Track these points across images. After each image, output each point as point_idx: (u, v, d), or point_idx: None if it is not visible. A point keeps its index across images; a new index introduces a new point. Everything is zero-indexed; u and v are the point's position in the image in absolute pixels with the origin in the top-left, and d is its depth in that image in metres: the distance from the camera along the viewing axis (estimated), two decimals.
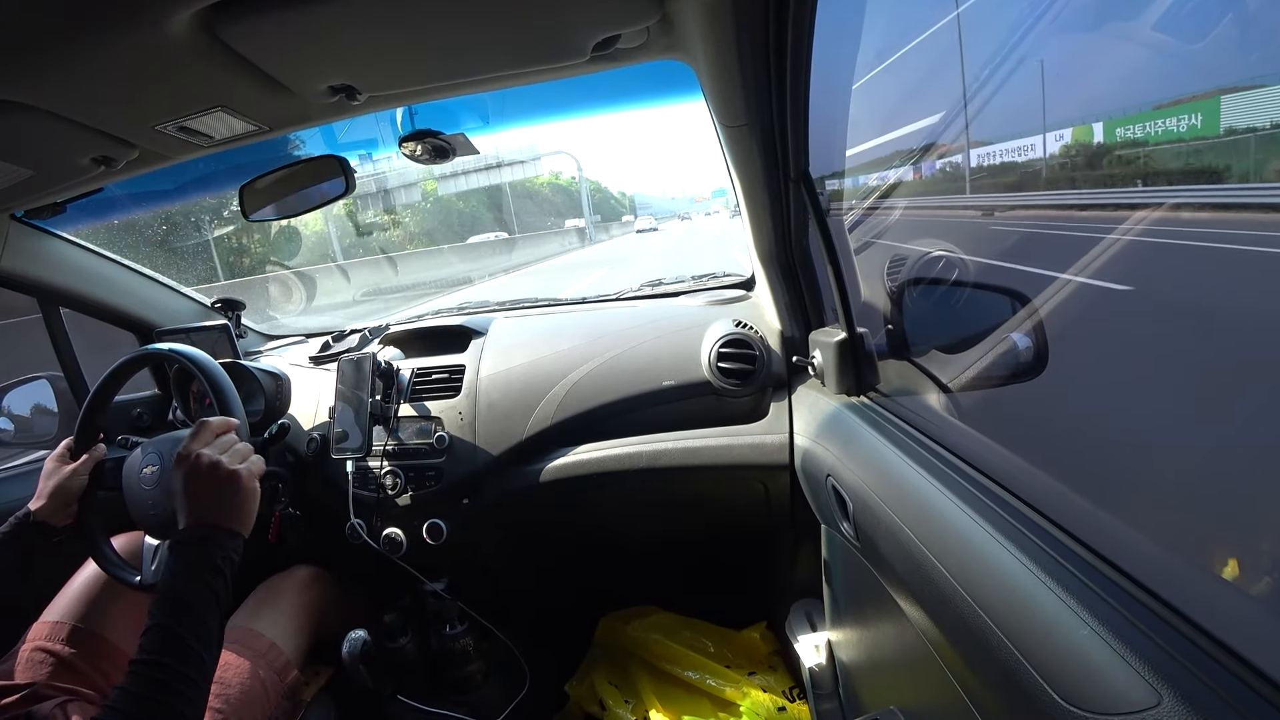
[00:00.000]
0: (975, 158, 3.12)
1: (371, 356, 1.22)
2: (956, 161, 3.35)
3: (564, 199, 35.67)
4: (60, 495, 0.99)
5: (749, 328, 1.20)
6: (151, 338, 1.49)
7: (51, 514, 0.97)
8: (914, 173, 3.44)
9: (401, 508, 1.21)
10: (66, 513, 0.99)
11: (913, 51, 3.40)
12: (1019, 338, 0.85)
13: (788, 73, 0.81)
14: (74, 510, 1.00)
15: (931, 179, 3.50)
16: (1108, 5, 1.37)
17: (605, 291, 1.60)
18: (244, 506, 0.77)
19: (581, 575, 1.56)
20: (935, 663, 0.64)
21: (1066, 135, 2.27)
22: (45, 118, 0.76)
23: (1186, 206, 1.51)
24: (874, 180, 3.06)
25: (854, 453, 0.87)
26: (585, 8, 0.72)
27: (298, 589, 1.15)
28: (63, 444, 1.04)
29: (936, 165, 3.49)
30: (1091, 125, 2.03)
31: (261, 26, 0.65)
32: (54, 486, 0.98)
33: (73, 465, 1.00)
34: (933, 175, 3.49)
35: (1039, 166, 2.55)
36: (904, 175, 3.46)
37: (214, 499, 0.75)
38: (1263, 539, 0.63)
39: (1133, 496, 0.82)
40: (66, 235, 1.32)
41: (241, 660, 0.98)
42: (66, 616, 1.00)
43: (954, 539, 0.61)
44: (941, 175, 3.48)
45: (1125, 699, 0.40)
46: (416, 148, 1.10)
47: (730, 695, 1.24)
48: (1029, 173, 2.67)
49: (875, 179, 3.10)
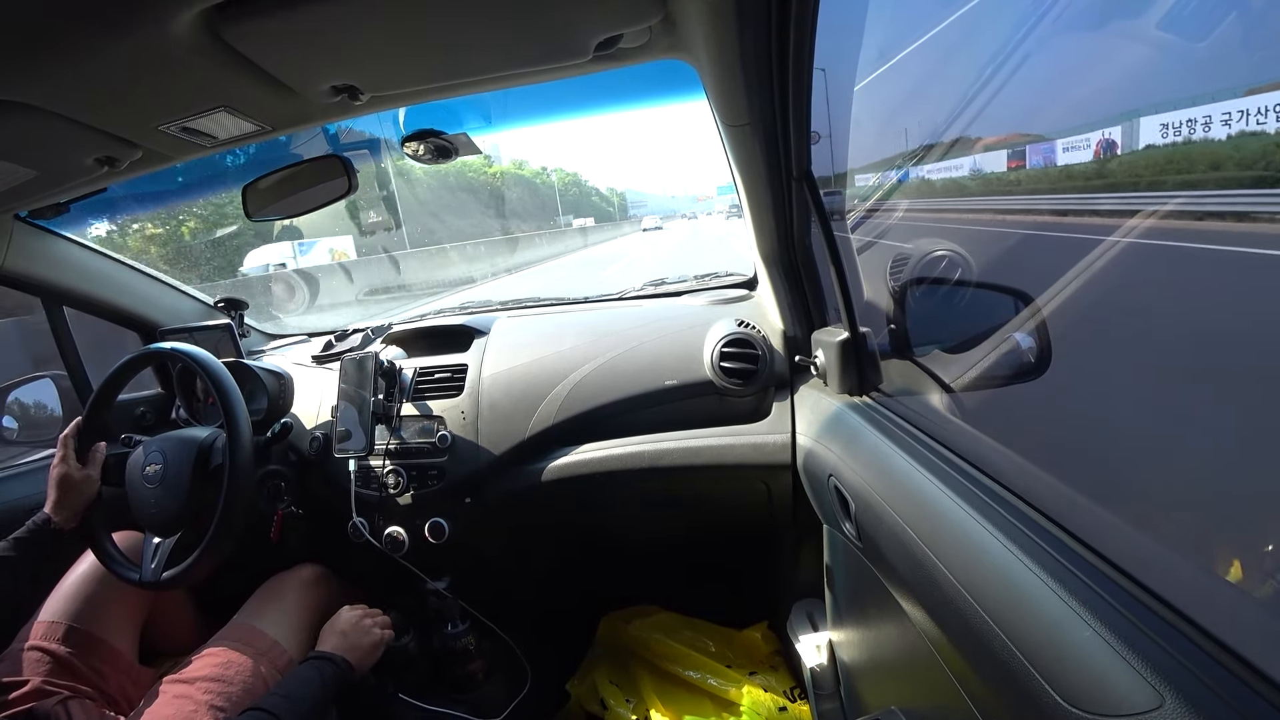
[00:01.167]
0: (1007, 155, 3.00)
1: (374, 356, 1.22)
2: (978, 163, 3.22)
3: (528, 194, 30.79)
4: (72, 500, 0.99)
5: (751, 327, 1.20)
6: (155, 337, 1.50)
7: (65, 519, 0.98)
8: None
9: (403, 507, 1.21)
10: (75, 509, 1.00)
11: (919, 51, 3.35)
12: (1022, 337, 0.85)
13: (790, 72, 0.81)
14: (83, 505, 1.01)
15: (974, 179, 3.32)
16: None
17: (607, 291, 1.60)
18: (370, 656, 1.06)
19: (583, 574, 1.56)
20: (937, 663, 0.64)
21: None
22: (49, 118, 0.76)
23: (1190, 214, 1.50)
24: (892, 180, 3.00)
25: (856, 453, 0.87)
26: (588, 7, 0.72)
27: (301, 588, 1.16)
28: (65, 436, 1.04)
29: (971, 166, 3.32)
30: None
31: (264, 26, 0.65)
32: (66, 491, 0.99)
33: (85, 471, 1.01)
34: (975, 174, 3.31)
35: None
36: (936, 173, 3.36)
37: (356, 645, 1.05)
38: (1266, 540, 0.63)
39: (1135, 497, 0.82)
40: (70, 235, 1.33)
41: (244, 658, 0.98)
42: (62, 616, 1.00)
43: (956, 539, 0.60)
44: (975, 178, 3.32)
45: (1128, 701, 0.40)
46: (419, 148, 1.11)
47: (731, 695, 1.24)
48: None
49: (893, 178, 3.04)
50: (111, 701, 0.99)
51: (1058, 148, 2.39)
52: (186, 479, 1.03)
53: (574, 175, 45.44)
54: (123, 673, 1.03)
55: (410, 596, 1.31)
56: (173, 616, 1.21)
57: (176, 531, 1.03)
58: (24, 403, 1.40)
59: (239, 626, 1.05)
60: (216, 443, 1.08)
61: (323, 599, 1.17)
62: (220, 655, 0.98)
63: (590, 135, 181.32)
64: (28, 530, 0.96)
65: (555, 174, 38.60)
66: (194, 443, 1.07)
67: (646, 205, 63.68)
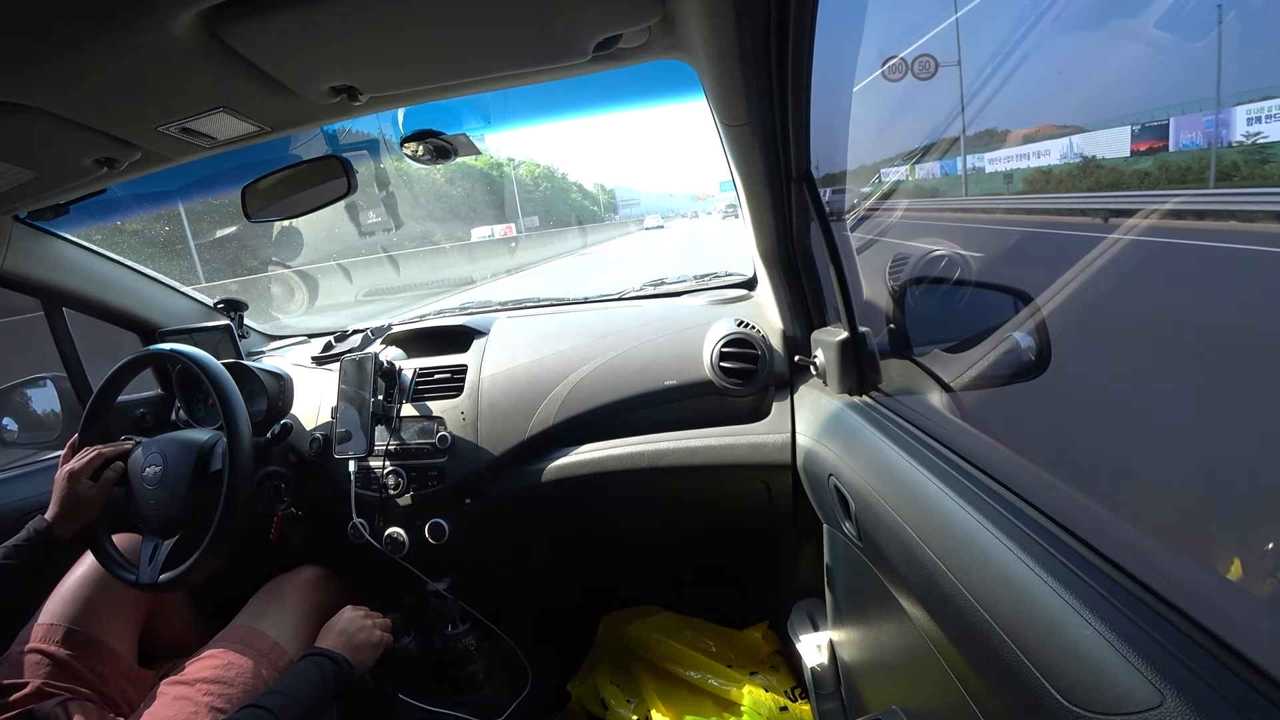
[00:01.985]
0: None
1: (374, 356, 1.22)
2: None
3: (480, 190, 22.56)
4: (77, 514, 1.00)
5: (751, 327, 1.20)
6: (154, 338, 1.50)
7: (65, 525, 0.98)
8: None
9: (404, 508, 1.21)
10: (80, 523, 1.00)
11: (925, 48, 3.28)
12: (1021, 337, 0.85)
13: (789, 72, 0.81)
14: (86, 520, 1.01)
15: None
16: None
17: (607, 291, 1.60)
18: (370, 656, 1.06)
19: (583, 575, 1.56)
20: (937, 662, 0.64)
21: None
22: (48, 119, 0.76)
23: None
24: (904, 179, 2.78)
25: (856, 452, 0.87)
26: (587, 7, 0.72)
27: (302, 589, 1.16)
28: (71, 448, 1.04)
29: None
30: None
31: (263, 27, 0.65)
32: (72, 504, 0.99)
33: (95, 489, 1.01)
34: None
35: None
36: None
37: (357, 645, 1.04)
38: (1267, 538, 0.63)
39: (1136, 495, 0.82)
40: (69, 236, 1.33)
41: (245, 660, 0.98)
42: (61, 619, 1.00)
43: (956, 538, 0.60)
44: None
45: (1128, 699, 0.40)
46: (418, 148, 1.11)
47: (732, 695, 1.24)
48: None
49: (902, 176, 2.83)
50: (111, 703, 0.98)
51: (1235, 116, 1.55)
52: (186, 480, 1.03)
53: (547, 169, 39.69)
54: (123, 675, 1.03)
55: (411, 597, 1.31)
56: (173, 618, 1.21)
57: (176, 533, 1.03)
58: (24, 404, 1.40)
59: (239, 628, 1.05)
60: (216, 444, 1.08)
61: (323, 600, 1.17)
62: (220, 657, 0.98)
63: (579, 130, 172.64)
64: (26, 537, 0.96)
65: (524, 166, 34.75)
66: (193, 444, 1.07)
67: (640, 204, 60.02)
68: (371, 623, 1.08)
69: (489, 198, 23.70)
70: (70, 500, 0.99)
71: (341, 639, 1.02)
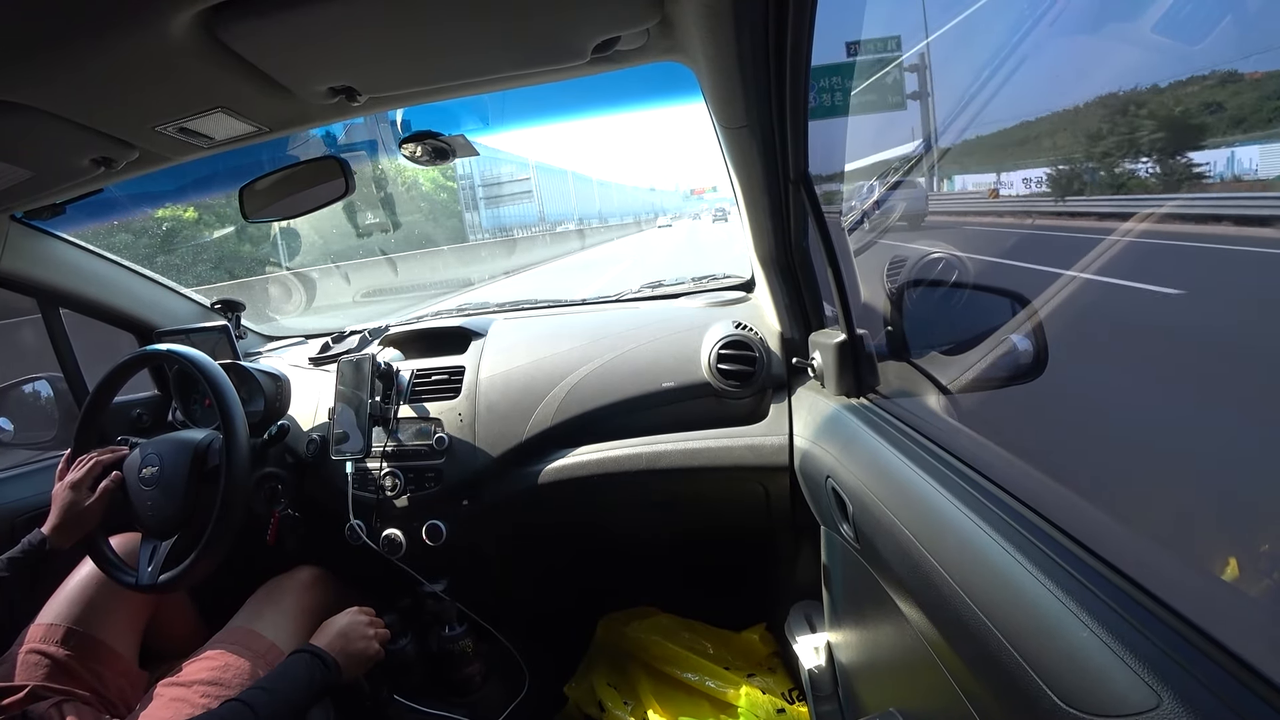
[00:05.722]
0: None
1: (371, 358, 1.22)
2: None
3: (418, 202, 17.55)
4: (75, 528, 0.99)
5: (749, 329, 1.20)
6: (151, 338, 1.49)
7: (64, 537, 0.98)
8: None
9: (401, 509, 1.21)
10: (79, 534, 1.00)
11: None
12: (1018, 339, 0.85)
13: (788, 74, 0.81)
14: (86, 530, 1.01)
15: None
16: None
17: (605, 293, 1.60)
18: (361, 668, 1.03)
19: (581, 576, 1.56)
20: (935, 665, 0.64)
21: None
22: (45, 119, 0.76)
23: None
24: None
25: (854, 454, 0.87)
26: (585, 9, 0.72)
27: (299, 590, 1.15)
28: (67, 461, 1.04)
29: None
30: None
31: (261, 28, 0.65)
32: (70, 518, 0.99)
33: (94, 501, 1.01)
34: None
35: None
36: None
37: (352, 652, 1.01)
38: (1262, 540, 0.63)
39: (1132, 498, 0.82)
40: (66, 236, 1.32)
41: (241, 661, 0.98)
42: (61, 619, 1.00)
43: (954, 541, 0.60)
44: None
45: (1125, 701, 0.40)
46: (416, 149, 1.10)
47: (730, 697, 1.24)
48: None
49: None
50: (109, 704, 0.98)
51: None
52: (183, 481, 1.03)
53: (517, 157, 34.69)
54: (122, 675, 1.02)
55: (408, 599, 1.31)
56: (176, 619, 1.20)
57: (173, 534, 1.02)
58: (20, 404, 1.39)
59: (236, 629, 1.05)
60: (213, 445, 1.07)
61: (320, 601, 1.16)
62: (217, 658, 0.97)
63: (567, 128, 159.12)
64: (22, 550, 0.96)
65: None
66: (190, 445, 1.06)
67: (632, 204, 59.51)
68: (373, 633, 1.06)
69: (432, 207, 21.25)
70: (70, 513, 0.99)
71: (340, 642, 1.01)
